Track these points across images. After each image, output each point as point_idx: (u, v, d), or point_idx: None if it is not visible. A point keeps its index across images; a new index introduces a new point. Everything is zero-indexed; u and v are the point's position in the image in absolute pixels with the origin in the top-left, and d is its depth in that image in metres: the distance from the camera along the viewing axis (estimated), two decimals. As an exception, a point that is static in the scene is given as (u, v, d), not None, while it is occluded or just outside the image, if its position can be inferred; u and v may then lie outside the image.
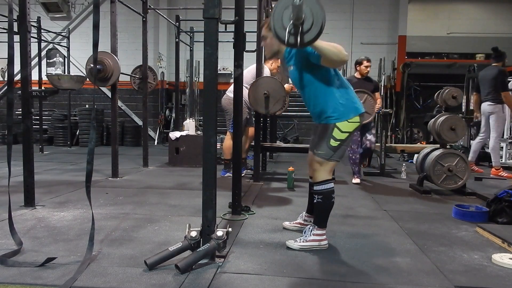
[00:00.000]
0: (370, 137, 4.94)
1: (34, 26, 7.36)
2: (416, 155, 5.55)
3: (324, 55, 2.13)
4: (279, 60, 2.51)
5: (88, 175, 2.19)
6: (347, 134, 2.36)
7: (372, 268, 2.14)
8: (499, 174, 5.58)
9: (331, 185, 2.42)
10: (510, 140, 7.28)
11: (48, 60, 10.61)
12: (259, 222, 2.99)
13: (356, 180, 4.84)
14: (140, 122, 10.07)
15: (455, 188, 4.17)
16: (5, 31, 5.77)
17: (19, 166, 3.47)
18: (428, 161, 4.22)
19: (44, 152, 7.78)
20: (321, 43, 2.06)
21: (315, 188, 2.43)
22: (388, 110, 6.43)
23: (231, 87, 4.39)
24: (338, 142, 2.35)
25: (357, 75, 5.06)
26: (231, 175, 3.39)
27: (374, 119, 5.15)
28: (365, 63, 4.94)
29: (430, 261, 2.26)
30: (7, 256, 2.13)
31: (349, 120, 2.35)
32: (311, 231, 2.43)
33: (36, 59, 8.38)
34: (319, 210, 2.45)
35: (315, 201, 2.44)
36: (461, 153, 4.24)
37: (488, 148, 7.82)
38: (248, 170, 5.27)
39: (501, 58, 5.73)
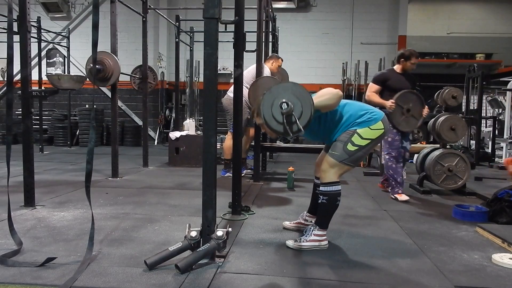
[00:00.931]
0: (406, 144, 4.10)
1: (34, 26, 7.36)
2: (416, 155, 5.55)
3: (322, 108, 2.25)
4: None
5: (87, 175, 2.19)
6: (368, 141, 2.33)
7: (372, 268, 2.14)
8: None
9: (339, 187, 2.39)
10: (510, 140, 7.29)
11: (48, 60, 10.61)
12: (259, 222, 2.99)
13: (402, 197, 3.88)
14: (140, 122, 10.07)
15: (455, 188, 4.17)
16: (5, 31, 5.76)
17: (19, 166, 3.47)
18: (428, 161, 4.22)
19: (44, 152, 7.78)
20: (314, 102, 2.14)
21: (322, 188, 2.40)
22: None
23: (232, 87, 4.39)
24: (356, 148, 2.32)
25: (397, 69, 4.09)
26: (231, 175, 3.39)
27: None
28: (414, 60, 4.00)
29: (430, 261, 2.26)
30: (7, 256, 2.13)
31: (371, 127, 2.33)
32: (312, 231, 2.42)
33: (36, 59, 8.38)
34: (323, 211, 2.43)
35: (319, 201, 2.42)
36: (461, 153, 4.24)
37: (488, 148, 7.84)
38: (248, 170, 5.27)
39: None
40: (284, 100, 2.05)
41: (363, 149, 2.34)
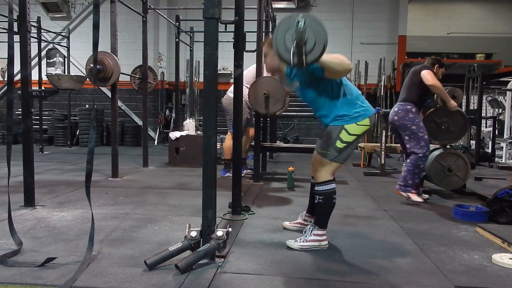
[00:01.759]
0: None
1: (34, 26, 7.36)
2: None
3: (328, 68, 2.16)
4: (279, 78, 2.53)
5: (88, 175, 2.19)
6: (355, 137, 2.35)
7: (372, 268, 2.14)
8: None
9: (333, 185, 2.41)
10: (510, 140, 7.29)
11: (48, 60, 10.61)
12: (259, 222, 2.99)
13: (416, 198, 3.77)
14: (140, 122, 10.07)
15: (455, 188, 4.17)
16: (5, 31, 5.77)
17: (19, 166, 3.47)
18: (428, 161, 4.21)
19: (44, 152, 7.78)
20: (323, 57, 2.08)
21: (317, 188, 2.42)
22: (388, 110, 6.42)
23: (232, 87, 4.39)
24: (345, 144, 2.34)
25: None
26: (231, 175, 3.39)
27: None
28: (443, 70, 4.02)
29: (430, 261, 2.26)
30: (7, 256, 2.13)
31: (358, 123, 2.34)
32: (311, 231, 2.43)
33: (36, 59, 8.38)
34: (320, 211, 2.45)
35: (316, 201, 2.43)
36: (461, 153, 4.24)
37: (488, 148, 7.84)
38: (248, 170, 5.27)
39: None
40: (300, 28, 1.93)
41: (351, 145, 2.37)
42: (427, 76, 3.72)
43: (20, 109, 3.26)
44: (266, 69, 2.57)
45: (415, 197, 3.77)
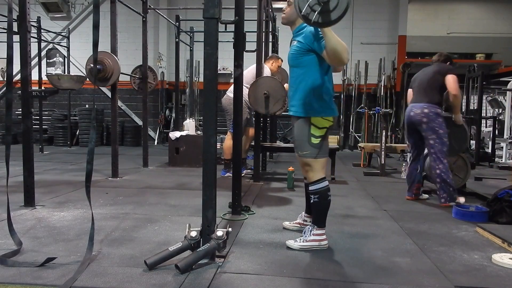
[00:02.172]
0: None
1: (34, 26, 7.36)
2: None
3: (330, 47, 2.12)
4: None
5: (88, 175, 2.19)
6: (325, 129, 2.39)
7: (372, 268, 2.14)
8: None
9: (326, 183, 2.42)
10: (510, 140, 7.29)
11: (48, 60, 10.60)
12: (259, 222, 2.99)
13: (462, 199, 3.67)
14: (140, 122, 10.06)
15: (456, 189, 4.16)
16: (5, 31, 5.77)
17: (19, 166, 3.47)
18: (428, 161, 4.21)
19: (44, 152, 7.78)
20: (332, 34, 2.07)
21: (311, 188, 2.43)
22: (388, 110, 6.43)
23: (231, 87, 4.39)
24: (319, 139, 2.38)
25: None
26: (231, 175, 3.39)
27: None
28: None
29: (430, 261, 2.26)
30: (7, 256, 2.13)
31: (323, 117, 2.38)
32: (310, 231, 2.43)
33: (36, 59, 8.38)
34: (317, 210, 2.45)
35: (312, 201, 2.44)
36: (461, 153, 4.23)
37: (488, 148, 7.84)
38: (248, 170, 5.27)
39: None
40: None
41: (324, 137, 2.40)
42: (453, 84, 3.56)
43: (20, 109, 3.26)
44: (282, 19, 2.54)
45: (461, 199, 3.67)
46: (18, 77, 3.44)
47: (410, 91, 3.99)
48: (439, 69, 3.73)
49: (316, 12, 1.91)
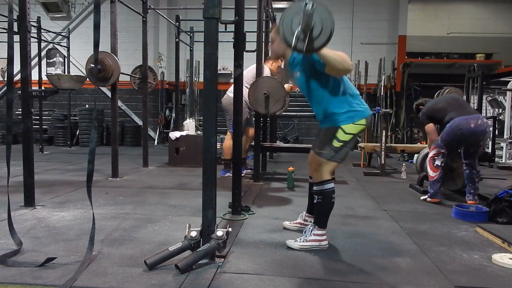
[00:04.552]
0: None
1: (34, 26, 7.36)
2: (416, 155, 5.56)
3: (329, 64, 2.15)
4: (283, 65, 2.53)
5: (89, 175, 2.19)
6: (351, 136, 2.36)
7: (372, 268, 2.14)
8: None
9: (331, 185, 2.41)
10: (510, 140, 7.29)
11: (48, 60, 10.60)
12: (259, 222, 2.99)
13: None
14: (140, 122, 10.07)
15: (456, 189, 4.16)
16: (5, 31, 5.77)
17: (19, 166, 3.47)
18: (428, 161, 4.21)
19: (44, 152, 7.78)
20: (327, 51, 2.08)
21: (315, 188, 2.43)
22: (388, 110, 6.43)
23: (231, 87, 4.39)
24: (341, 144, 2.35)
25: None
26: (231, 175, 3.39)
27: None
28: None
29: (430, 261, 2.26)
30: (7, 256, 2.13)
31: (355, 123, 2.35)
32: (311, 231, 2.43)
33: (36, 59, 8.38)
34: (320, 210, 2.45)
35: (315, 201, 2.44)
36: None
37: (488, 148, 7.84)
38: (248, 170, 5.27)
39: None
40: (308, 10, 1.87)
41: (348, 144, 2.37)
42: None
43: (20, 109, 3.26)
44: (271, 55, 2.58)
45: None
46: (18, 77, 3.43)
47: (432, 126, 3.95)
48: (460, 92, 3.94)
49: (303, 41, 1.95)
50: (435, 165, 3.75)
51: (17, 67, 2.92)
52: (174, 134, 6.04)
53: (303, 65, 2.38)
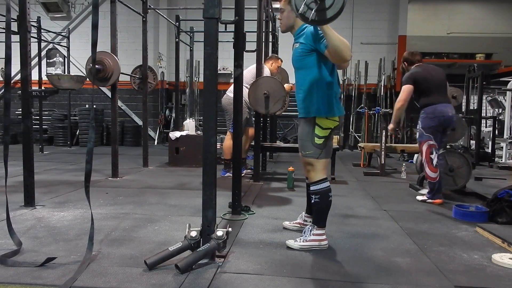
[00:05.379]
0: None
1: (34, 26, 7.36)
2: (416, 155, 5.55)
3: (331, 46, 2.13)
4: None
5: (87, 175, 2.18)
6: (329, 130, 2.39)
7: (372, 268, 2.14)
8: None
9: (327, 183, 2.43)
10: (510, 140, 7.29)
11: (48, 60, 10.60)
12: (259, 222, 2.99)
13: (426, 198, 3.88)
14: (140, 122, 10.06)
15: (456, 189, 4.16)
16: (4, 31, 5.76)
17: (19, 166, 3.47)
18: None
19: (44, 152, 7.77)
20: (333, 32, 2.07)
21: (312, 188, 2.44)
22: (388, 110, 6.42)
23: (231, 87, 4.39)
24: (322, 139, 2.38)
25: None
26: (231, 175, 3.39)
27: None
28: None
29: (430, 261, 2.26)
30: (7, 256, 2.13)
31: (329, 117, 2.37)
32: (310, 231, 2.43)
33: (36, 59, 8.37)
34: (317, 210, 2.45)
35: (312, 201, 2.44)
36: (462, 153, 4.24)
37: (488, 148, 7.84)
38: (248, 170, 5.27)
39: None
40: None
41: (328, 138, 2.40)
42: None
43: (20, 109, 3.26)
44: (280, 26, 2.55)
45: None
46: (18, 77, 3.43)
47: (410, 87, 3.85)
48: (445, 75, 3.95)
49: (313, 10, 1.93)
50: (434, 165, 3.72)
51: (17, 67, 2.92)
52: (174, 134, 6.04)
53: (306, 38, 2.36)
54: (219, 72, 8.54)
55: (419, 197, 3.94)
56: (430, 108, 3.73)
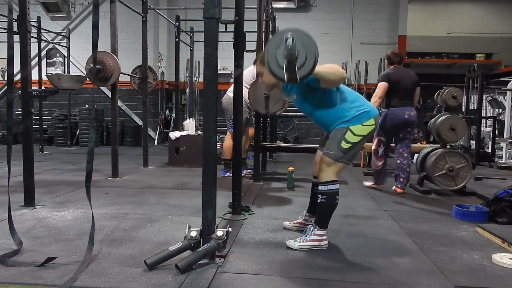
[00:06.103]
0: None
1: (34, 26, 7.36)
2: (416, 155, 5.55)
3: (322, 79, 2.18)
4: (278, 90, 2.54)
5: (88, 175, 2.18)
6: (361, 137, 2.35)
7: (372, 268, 2.14)
8: None
9: (336, 186, 2.40)
10: (510, 140, 7.29)
11: (48, 60, 10.61)
12: (259, 222, 2.99)
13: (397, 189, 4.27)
14: (140, 122, 10.07)
15: (456, 189, 4.17)
16: (5, 31, 5.77)
17: (19, 166, 3.47)
18: (428, 161, 4.21)
19: (44, 152, 7.78)
20: (317, 68, 2.08)
21: (320, 188, 2.42)
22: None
23: (231, 87, 4.39)
24: (350, 145, 2.34)
25: None
26: (231, 175, 3.39)
27: None
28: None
29: (430, 261, 2.26)
30: (7, 256, 2.13)
31: (363, 124, 2.35)
32: (311, 231, 2.43)
33: (36, 59, 8.38)
34: (322, 210, 2.44)
35: (318, 200, 2.43)
36: (461, 153, 4.24)
37: (488, 148, 7.84)
38: (248, 170, 5.27)
39: None
40: (289, 45, 1.92)
41: (356, 146, 2.36)
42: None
43: (20, 109, 3.26)
44: (265, 88, 2.59)
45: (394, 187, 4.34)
46: (18, 77, 3.43)
47: (386, 85, 4.25)
48: (417, 80, 4.32)
49: (295, 70, 1.99)
50: (379, 155, 4.27)
51: (17, 67, 2.92)
52: (174, 134, 6.04)
53: (298, 87, 2.39)
54: (219, 72, 8.54)
55: (365, 183, 4.55)
56: (390, 110, 4.24)
